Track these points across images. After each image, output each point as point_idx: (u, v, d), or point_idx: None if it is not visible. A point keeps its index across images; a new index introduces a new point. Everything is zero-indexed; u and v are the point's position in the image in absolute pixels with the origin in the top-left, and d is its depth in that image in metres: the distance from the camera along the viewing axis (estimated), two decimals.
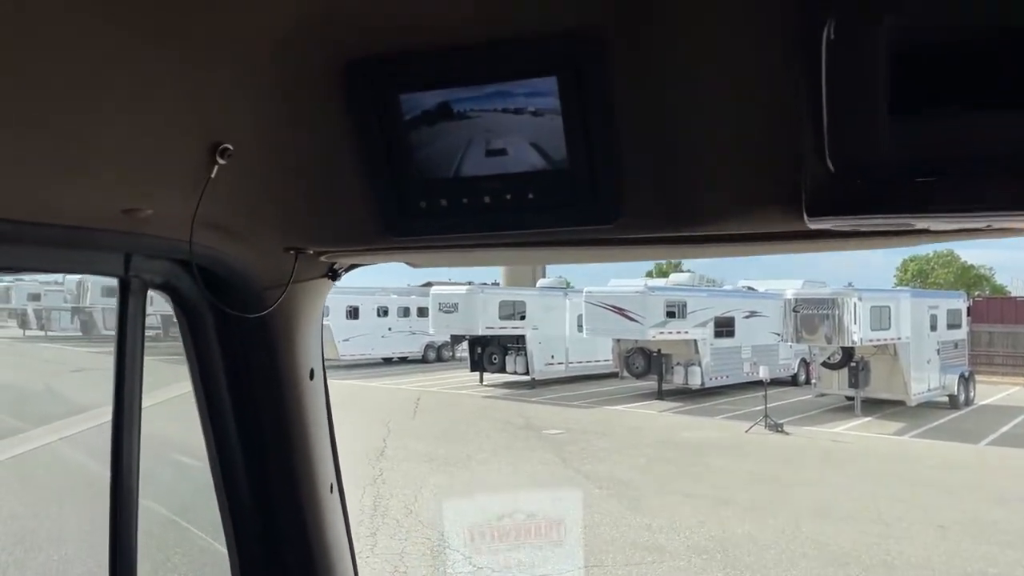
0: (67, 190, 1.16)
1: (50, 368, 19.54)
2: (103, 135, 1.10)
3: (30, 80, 0.96)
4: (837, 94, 0.98)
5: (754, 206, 1.18)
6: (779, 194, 1.12)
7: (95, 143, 1.10)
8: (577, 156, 1.21)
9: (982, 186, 0.96)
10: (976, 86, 0.97)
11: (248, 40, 1.11)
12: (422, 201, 1.31)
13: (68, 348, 24.66)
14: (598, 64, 1.12)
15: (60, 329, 29.37)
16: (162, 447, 4.66)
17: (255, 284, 1.60)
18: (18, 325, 31.33)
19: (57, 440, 10.26)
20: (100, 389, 9.14)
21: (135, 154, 1.16)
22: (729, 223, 1.24)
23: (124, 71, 1.04)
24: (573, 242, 1.41)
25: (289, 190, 1.39)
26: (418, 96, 1.23)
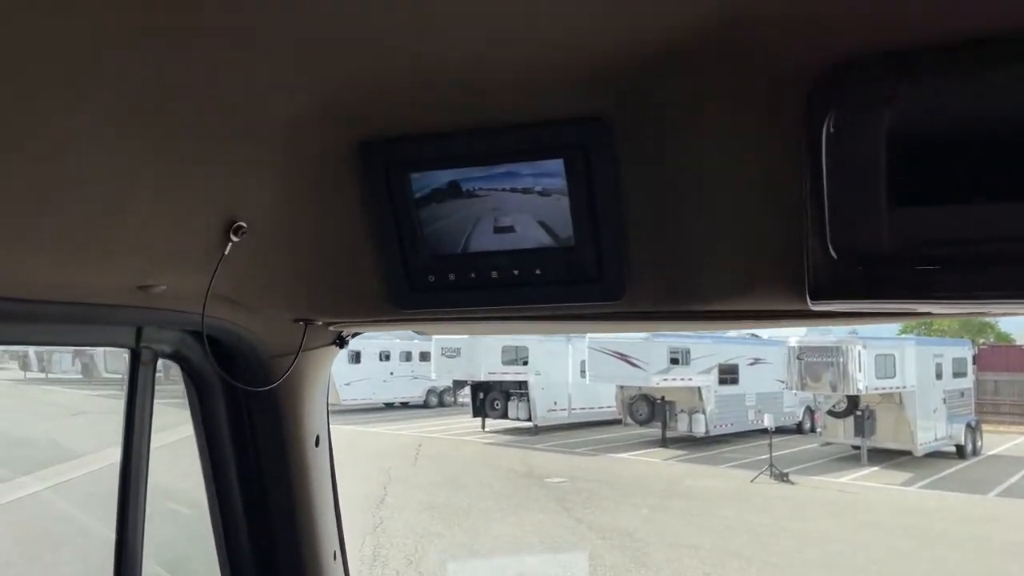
0: (85, 270, 1.18)
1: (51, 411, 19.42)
2: (122, 216, 1.12)
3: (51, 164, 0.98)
4: (838, 184, 1.01)
5: (758, 287, 1.20)
6: (782, 276, 1.14)
7: (114, 224, 1.12)
8: (583, 235, 1.24)
9: (982, 275, 0.98)
10: (974, 177, 0.99)
11: (264, 122, 1.15)
12: (430, 275, 1.34)
13: (68, 391, 24.54)
14: (604, 148, 1.15)
15: (61, 371, 29.26)
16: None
17: (264, 354, 1.61)
18: (19, 367, 31.24)
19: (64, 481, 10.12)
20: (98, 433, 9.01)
21: (152, 234, 1.19)
22: (733, 301, 1.25)
23: (143, 154, 1.07)
24: (578, 316, 1.42)
25: (300, 264, 1.42)
26: (428, 175, 1.26)
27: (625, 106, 1.11)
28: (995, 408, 29.96)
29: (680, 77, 1.05)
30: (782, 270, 1.13)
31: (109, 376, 22.53)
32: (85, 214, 1.07)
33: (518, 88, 1.11)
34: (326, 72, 1.06)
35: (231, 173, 1.20)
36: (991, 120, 0.97)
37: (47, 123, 0.93)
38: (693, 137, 1.11)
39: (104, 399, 19.70)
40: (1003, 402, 30.89)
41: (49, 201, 1.02)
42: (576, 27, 0.96)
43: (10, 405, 21.20)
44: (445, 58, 1.03)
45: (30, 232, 1.02)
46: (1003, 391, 31.32)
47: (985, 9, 0.86)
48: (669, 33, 0.97)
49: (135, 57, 0.92)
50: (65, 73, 0.89)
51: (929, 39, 0.90)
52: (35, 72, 0.86)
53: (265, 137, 1.17)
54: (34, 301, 1.19)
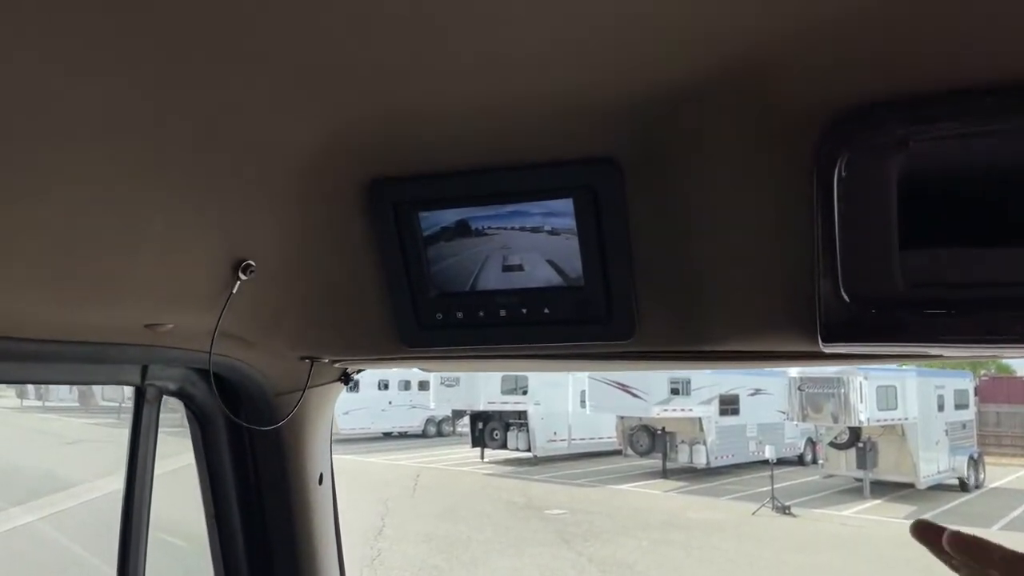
0: (94, 310, 1.18)
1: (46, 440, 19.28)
2: (132, 257, 1.12)
3: (63, 207, 0.99)
4: (849, 228, 1.01)
5: (769, 328, 1.19)
6: (793, 318, 1.13)
7: (124, 265, 1.12)
8: (592, 274, 1.23)
9: (993, 319, 0.98)
10: (985, 222, 0.99)
11: (274, 161, 1.15)
12: (438, 313, 1.33)
13: (65, 419, 24.39)
14: (613, 188, 1.15)
15: (58, 400, 29.12)
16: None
17: (269, 392, 1.60)
18: (16, 395, 31.09)
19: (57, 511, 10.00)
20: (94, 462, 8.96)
21: (162, 273, 1.18)
22: (744, 342, 1.25)
23: (153, 195, 1.07)
24: (588, 355, 1.42)
25: (308, 302, 1.41)
26: (437, 213, 1.26)
27: (635, 147, 1.12)
28: (997, 440, 29.79)
29: (690, 119, 1.05)
30: (793, 311, 1.13)
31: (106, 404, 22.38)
32: (96, 255, 1.07)
33: (528, 129, 1.11)
34: (336, 112, 1.07)
35: (241, 212, 1.21)
36: (1002, 166, 0.97)
37: (58, 167, 0.93)
38: (703, 178, 1.11)
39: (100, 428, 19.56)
40: (1005, 434, 30.72)
41: (60, 243, 1.02)
42: (586, 69, 0.97)
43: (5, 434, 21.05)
44: (454, 99, 1.03)
45: (41, 274, 1.02)
46: (1005, 423, 31.16)
47: (996, 58, 0.87)
48: (680, 76, 0.97)
49: (145, 100, 0.93)
50: (75, 117, 0.89)
51: (941, 85, 0.91)
52: (46, 116, 0.86)
53: (275, 176, 1.18)
54: (42, 341, 1.18)
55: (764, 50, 0.90)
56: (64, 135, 0.90)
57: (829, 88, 0.95)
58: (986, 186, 1.00)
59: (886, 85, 0.93)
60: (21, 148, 0.87)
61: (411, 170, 1.21)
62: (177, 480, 1.80)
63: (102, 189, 1.00)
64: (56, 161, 0.92)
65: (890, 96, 0.94)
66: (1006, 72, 0.88)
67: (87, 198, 0.99)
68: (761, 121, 1.01)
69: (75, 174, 0.95)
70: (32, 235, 0.96)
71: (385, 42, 0.89)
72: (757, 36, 0.88)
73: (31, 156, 0.88)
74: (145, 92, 0.91)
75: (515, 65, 0.95)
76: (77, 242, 1.03)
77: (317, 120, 1.08)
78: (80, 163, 0.94)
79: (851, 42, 0.88)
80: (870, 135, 0.96)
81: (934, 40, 0.86)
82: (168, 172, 1.05)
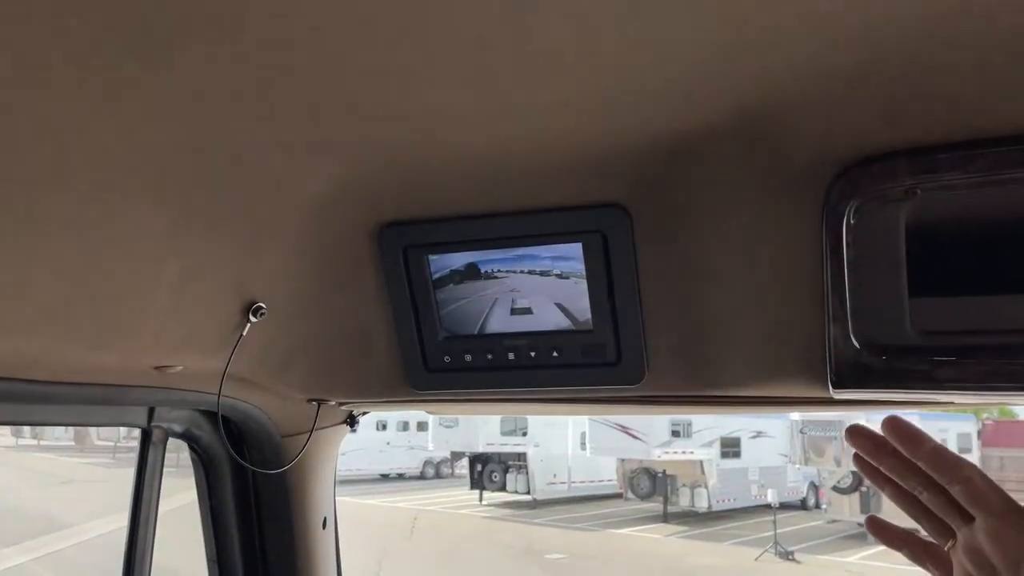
0: (103, 352, 1.18)
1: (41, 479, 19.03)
2: (142, 300, 1.13)
3: (74, 250, 0.99)
4: (859, 275, 1.01)
5: (778, 374, 1.19)
6: (803, 364, 1.13)
7: (134, 308, 1.13)
8: (601, 319, 1.24)
9: (1003, 367, 0.98)
10: (993, 270, 1.00)
11: (285, 205, 1.16)
12: (446, 356, 1.33)
13: (60, 458, 24.11)
14: (622, 233, 1.16)
15: (54, 439, 28.82)
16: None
17: (275, 434, 1.60)
18: (11, 433, 30.78)
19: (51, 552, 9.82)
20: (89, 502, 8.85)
21: (172, 316, 1.19)
22: (754, 387, 1.25)
23: (165, 239, 1.08)
24: (597, 399, 1.41)
25: (317, 344, 1.41)
26: (447, 257, 1.27)
27: (644, 192, 1.13)
28: (1001, 485, 29.37)
29: (700, 165, 1.07)
30: (803, 357, 1.13)
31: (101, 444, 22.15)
32: (107, 298, 1.08)
33: (537, 174, 1.13)
34: (347, 157, 1.08)
35: (252, 255, 1.22)
36: (1009, 216, 0.98)
37: (69, 209, 0.94)
38: (713, 224, 1.12)
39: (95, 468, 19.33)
40: (1009, 479, 30.28)
41: (71, 285, 1.02)
42: (596, 118, 0.98)
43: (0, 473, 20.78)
44: (465, 145, 1.05)
45: (51, 316, 1.03)
46: (1008, 467, 30.76)
47: (1002, 109, 0.88)
48: (689, 125, 0.99)
49: (158, 146, 0.94)
50: (88, 161, 0.90)
51: (948, 135, 0.93)
52: (57, 159, 0.87)
53: (287, 220, 1.19)
54: (50, 383, 1.18)
55: (773, 100, 0.92)
56: (73, 178, 0.91)
57: (837, 137, 0.97)
58: (995, 234, 1.01)
59: (893, 134, 0.95)
60: (32, 190, 0.87)
61: (421, 214, 1.22)
62: (171, 521, 1.77)
63: (114, 232, 1.01)
64: (67, 203, 0.93)
65: (898, 145, 0.96)
66: (1013, 123, 0.89)
67: (98, 240, 1.00)
68: (770, 169, 1.03)
69: (87, 217, 0.96)
70: (43, 277, 0.96)
71: (396, 90, 0.90)
72: (765, 86, 0.90)
73: (42, 198, 0.89)
74: (155, 137, 0.92)
75: (525, 113, 0.96)
76: (88, 284, 1.04)
77: (328, 165, 1.09)
78: (91, 206, 0.95)
79: (858, 92, 0.89)
80: (879, 183, 0.97)
81: (940, 91, 0.88)
82: (180, 215, 1.06)
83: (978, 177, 0.92)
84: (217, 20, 0.76)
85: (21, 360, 1.10)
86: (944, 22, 0.77)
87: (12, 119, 0.80)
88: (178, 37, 0.78)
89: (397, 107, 0.95)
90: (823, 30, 0.79)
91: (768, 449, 23.99)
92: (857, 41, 0.81)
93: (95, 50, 0.77)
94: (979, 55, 0.82)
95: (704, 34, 0.79)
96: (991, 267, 1.00)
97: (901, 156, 0.95)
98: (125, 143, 0.91)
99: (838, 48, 0.82)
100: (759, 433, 24.14)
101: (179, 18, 0.75)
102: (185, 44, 0.79)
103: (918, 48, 0.81)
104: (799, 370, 1.14)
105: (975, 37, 0.79)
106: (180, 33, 0.77)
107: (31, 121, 0.81)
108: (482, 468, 25.64)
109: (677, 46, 0.82)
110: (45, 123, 0.82)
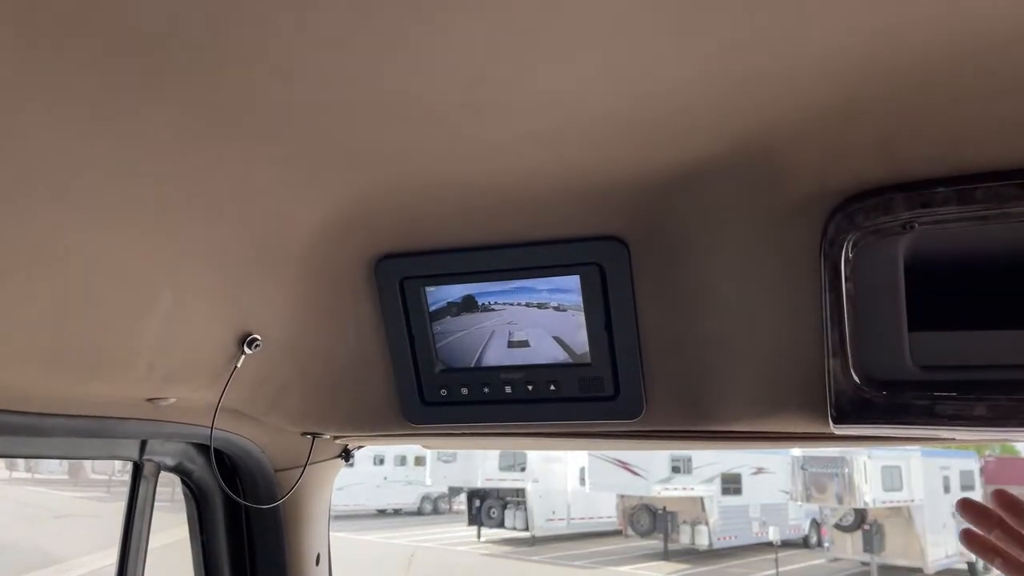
0: (95, 384, 1.16)
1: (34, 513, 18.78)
2: (136, 332, 1.12)
3: (68, 281, 0.98)
4: (857, 309, 1.01)
5: (779, 409, 1.18)
6: (804, 398, 1.12)
7: (128, 340, 1.12)
8: (599, 352, 1.23)
9: (1004, 404, 0.97)
10: (992, 305, 0.99)
11: (281, 236, 1.16)
12: (442, 389, 1.32)
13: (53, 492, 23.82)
14: (620, 265, 1.16)
15: (47, 472, 28.50)
16: None
17: (268, 468, 1.58)
18: (5, 466, 30.47)
19: None
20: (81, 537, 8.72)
21: (166, 347, 1.18)
22: (754, 422, 1.23)
23: (160, 271, 1.07)
24: (595, 434, 1.40)
25: (312, 377, 1.40)
26: (443, 288, 1.26)
27: (641, 225, 1.13)
28: None
29: (697, 199, 1.07)
30: (803, 392, 1.12)
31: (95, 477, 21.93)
32: (101, 330, 1.07)
33: (534, 206, 1.13)
34: (343, 189, 1.08)
35: (248, 286, 1.21)
36: (1007, 250, 0.98)
37: (64, 240, 0.93)
38: (711, 258, 1.12)
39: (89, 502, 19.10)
40: None
41: (64, 316, 1.01)
42: (593, 151, 0.98)
43: None
44: (461, 178, 1.05)
45: (43, 347, 1.02)
46: None
47: (998, 146, 0.89)
48: (687, 158, 0.99)
49: (153, 176, 0.94)
50: (83, 191, 0.90)
51: (944, 170, 0.93)
52: (53, 189, 0.87)
53: (282, 251, 1.18)
54: (41, 414, 1.17)
55: (770, 134, 0.92)
56: (71, 208, 0.91)
57: (835, 171, 0.97)
58: (994, 268, 1.00)
59: (890, 168, 0.95)
60: (28, 220, 0.87)
61: (417, 246, 1.22)
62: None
63: (109, 262, 1.00)
64: (63, 233, 0.92)
65: (895, 179, 0.96)
66: (1008, 157, 0.90)
67: (93, 271, 0.99)
68: (768, 203, 1.03)
69: (82, 247, 0.95)
70: (35, 307, 0.95)
71: (392, 124, 0.91)
72: (763, 121, 0.90)
73: (37, 228, 0.89)
74: (154, 168, 0.92)
75: (522, 146, 0.97)
76: (82, 316, 1.03)
77: (324, 197, 1.09)
78: (88, 236, 0.95)
79: (855, 127, 0.90)
80: (876, 217, 0.97)
81: (937, 125, 0.88)
82: (175, 246, 1.06)
83: (975, 211, 0.92)
84: (216, 54, 0.76)
85: (11, 391, 1.09)
86: (940, 58, 0.78)
87: (9, 148, 0.80)
88: (177, 69, 0.78)
89: (394, 140, 0.95)
90: (820, 67, 0.79)
91: (769, 485, 23.73)
92: (854, 76, 0.81)
93: (93, 81, 0.77)
94: (975, 90, 0.82)
95: (701, 70, 0.80)
96: (991, 301, 1.00)
97: (898, 190, 0.95)
98: (122, 174, 0.91)
99: (835, 84, 0.82)
100: (760, 469, 23.90)
101: (179, 51, 0.75)
102: (184, 76, 0.79)
103: (915, 83, 0.82)
104: (799, 404, 1.13)
105: (971, 72, 0.80)
106: (179, 65, 0.78)
107: (28, 151, 0.81)
108: (480, 504, 25.34)
109: (674, 81, 0.82)
110: (43, 153, 0.82)
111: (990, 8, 0.70)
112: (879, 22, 0.72)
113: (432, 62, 0.78)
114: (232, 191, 1.03)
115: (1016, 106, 0.84)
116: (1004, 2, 0.69)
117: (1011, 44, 0.75)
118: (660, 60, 0.78)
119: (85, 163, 0.87)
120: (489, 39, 0.74)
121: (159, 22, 0.71)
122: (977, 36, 0.74)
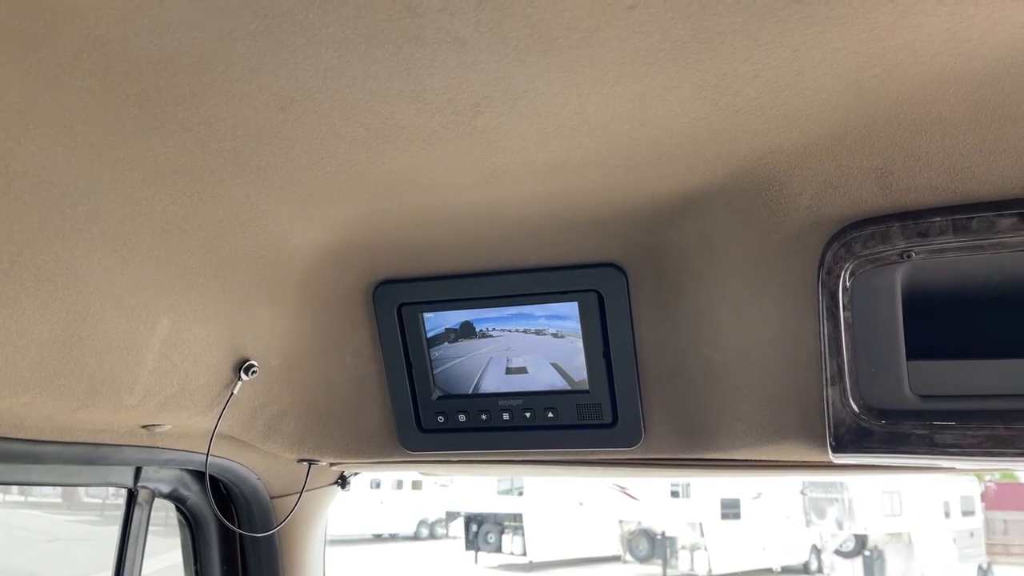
0: (91, 411, 1.16)
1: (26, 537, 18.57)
2: (132, 358, 1.12)
3: (66, 308, 0.98)
4: (856, 338, 1.01)
5: (777, 437, 1.18)
6: (802, 427, 1.12)
7: (124, 366, 1.11)
8: (597, 379, 1.23)
9: (1002, 432, 0.97)
10: (989, 334, 0.99)
11: (279, 263, 1.16)
12: (440, 416, 1.32)
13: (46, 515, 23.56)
14: (618, 293, 1.16)
15: (41, 495, 28.22)
16: None
17: (264, 495, 1.56)
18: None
19: None
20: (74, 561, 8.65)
21: (163, 374, 1.17)
22: (753, 451, 1.23)
23: (157, 297, 1.07)
24: (593, 462, 1.39)
25: (309, 403, 1.39)
26: (442, 315, 1.26)
27: (640, 253, 1.13)
28: (1006, 549, 28.80)
29: (695, 226, 1.07)
30: (802, 421, 1.11)
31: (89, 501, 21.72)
32: (98, 356, 1.06)
33: (532, 233, 1.13)
34: (342, 217, 1.08)
35: (245, 312, 1.21)
36: (1003, 279, 0.98)
37: (64, 267, 0.93)
38: (708, 284, 1.12)
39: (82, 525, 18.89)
40: (1013, 543, 29.74)
41: (61, 343, 1.01)
42: (592, 180, 0.99)
43: None
44: (460, 206, 1.05)
45: (40, 374, 1.01)
46: (1012, 531, 30.21)
47: (994, 176, 0.89)
48: (686, 187, 1.00)
49: (153, 204, 0.94)
50: (82, 219, 0.90)
51: (940, 199, 0.93)
52: (53, 216, 0.87)
53: (280, 278, 1.18)
54: (36, 441, 1.16)
55: (768, 163, 0.93)
56: (69, 235, 0.91)
57: (832, 200, 0.97)
58: (991, 298, 1.00)
59: (887, 198, 0.95)
60: (26, 246, 0.87)
61: (416, 272, 1.22)
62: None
63: (106, 288, 1.00)
64: (61, 260, 0.92)
65: (891, 208, 0.96)
66: (1004, 187, 0.90)
67: (90, 297, 0.99)
68: (766, 231, 1.03)
69: (80, 273, 0.95)
70: (33, 334, 0.95)
71: (390, 152, 0.91)
72: (761, 149, 0.91)
73: (35, 255, 0.89)
74: (151, 196, 0.93)
75: (520, 174, 0.97)
76: (79, 342, 1.03)
77: (323, 223, 1.10)
78: (86, 262, 0.95)
79: (852, 156, 0.90)
80: (873, 246, 0.98)
81: (933, 155, 0.89)
82: (173, 273, 1.06)
83: (971, 241, 0.93)
84: (213, 85, 0.77)
85: (6, 417, 1.08)
86: (936, 89, 0.78)
87: (11, 176, 0.80)
88: (175, 100, 0.79)
89: (392, 168, 0.95)
90: (817, 97, 0.80)
91: (768, 510, 23.56)
92: (851, 107, 0.82)
93: (93, 113, 0.78)
94: (971, 121, 0.83)
95: (699, 100, 0.80)
96: (988, 330, 1.00)
97: (895, 219, 0.95)
98: (122, 201, 0.91)
99: (832, 114, 0.83)
100: (759, 494, 23.74)
101: (176, 83, 0.76)
102: (182, 107, 0.80)
103: (911, 113, 0.82)
104: (798, 433, 1.13)
105: (967, 103, 0.80)
106: (177, 96, 0.78)
107: (29, 180, 0.81)
108: (477, 529, 25.10)
109: (672, 111, 0.83)
110: (43, 182, 0.83)
111: (985, 40, 0.71)
112: (875, 54, 0.73)
113: (430, 92, 0.79)
114: (230, 218, 1.03)
115: (1011, 137, 0.84)
116: (999, 34, 0.70)
117: (1006, 76, 0.76)
118: (658, 90, 0.79)
119: (84, 192, 0.87)
120: (487, 70, 0.75)
121: (157, 57, 0.72)
122: (972, 68, 0.75)
